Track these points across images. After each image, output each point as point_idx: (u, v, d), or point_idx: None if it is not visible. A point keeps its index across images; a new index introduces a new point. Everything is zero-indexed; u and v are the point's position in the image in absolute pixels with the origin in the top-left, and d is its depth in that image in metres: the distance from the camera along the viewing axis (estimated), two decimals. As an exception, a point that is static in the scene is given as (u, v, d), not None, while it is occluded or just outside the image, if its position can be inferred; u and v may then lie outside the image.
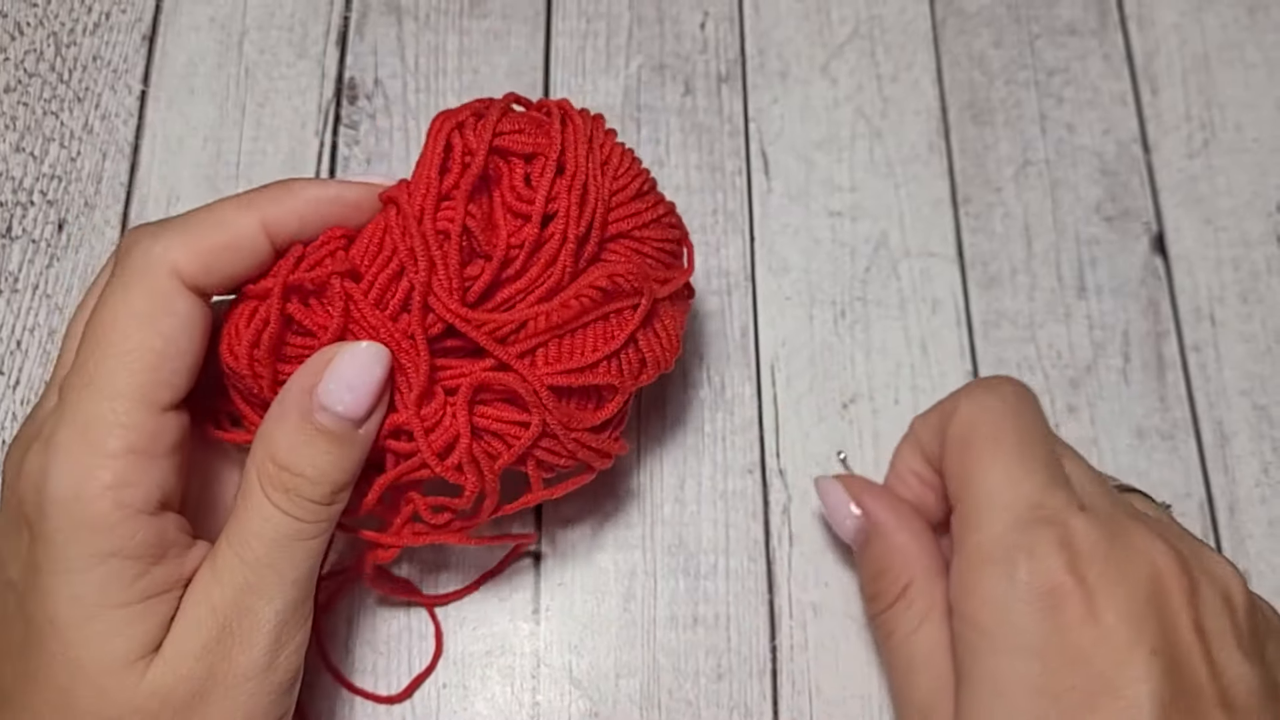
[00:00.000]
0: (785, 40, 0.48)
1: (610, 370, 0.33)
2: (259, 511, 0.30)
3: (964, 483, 0.33)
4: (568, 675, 0.38)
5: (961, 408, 0.34)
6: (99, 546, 0.28)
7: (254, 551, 0.30)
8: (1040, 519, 0.31)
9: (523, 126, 0.33)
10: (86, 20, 0.47)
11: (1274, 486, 0.42)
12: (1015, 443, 0.33)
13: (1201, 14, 0.49)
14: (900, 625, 0.35)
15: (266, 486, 0.30)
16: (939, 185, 0.46)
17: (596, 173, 0.33)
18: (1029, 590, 0.30)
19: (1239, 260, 0.45)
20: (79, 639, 0.29)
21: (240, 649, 0.30)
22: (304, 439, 0.30)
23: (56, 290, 0.42)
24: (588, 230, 0.33)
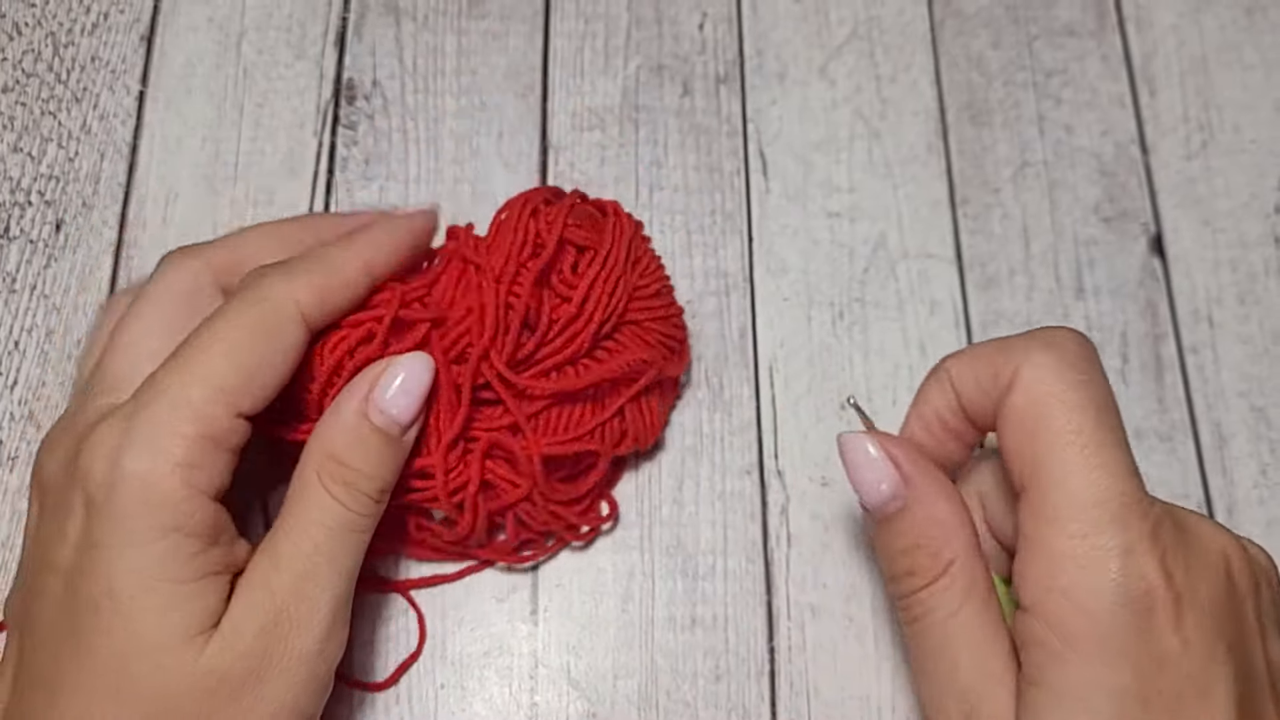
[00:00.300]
0: (783, 41, 0.48)
1: (594, 438, 0.37)
2: (318, 503, 0.32)
3: (1038, 471, 0.30)
4: (566, 676, 0.38)
5: (1024, 375, 0.31)
6: (163, 521, 0.30)
7: (313, 540, 0.32)
8: (1129, 516, 0.29)
9: (582, 222, 0.38)
10: (85, 20, 0.47)
11: (1272, 488, 0.42)
12: (1095, 429, 0.30)
13: (1199, 15, 0.49)
14: (941, 605, 0.32)
15: (326, 480, 0.33)
16: (937, 186, 0.46)
17: (628, 270, 0.38)
18: (1125, 595, 0.28)
19: (1237, 261, 0.45)
20: (138, 611, 0.29)
21: (296, 633, 0.31)
22: (359, 437, 0.33)
23: (54, 291, 0.42)
24: (609, 315, 0.37)
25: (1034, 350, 0.31)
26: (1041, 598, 0.29)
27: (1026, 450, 0.30)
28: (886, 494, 0.32)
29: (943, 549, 0.32)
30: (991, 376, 0.32)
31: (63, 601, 0.30)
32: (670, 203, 0.45)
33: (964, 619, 0.31)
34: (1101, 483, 0.29)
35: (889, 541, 0.33)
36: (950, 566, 0.32)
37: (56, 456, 0.32)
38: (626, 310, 0.38)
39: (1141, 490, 0.30)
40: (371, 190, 0.45)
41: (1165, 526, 0.29)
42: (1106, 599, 0.28)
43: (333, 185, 0.45)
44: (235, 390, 0.31)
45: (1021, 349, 0.31)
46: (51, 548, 0.31)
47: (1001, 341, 0.32)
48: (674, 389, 0.41)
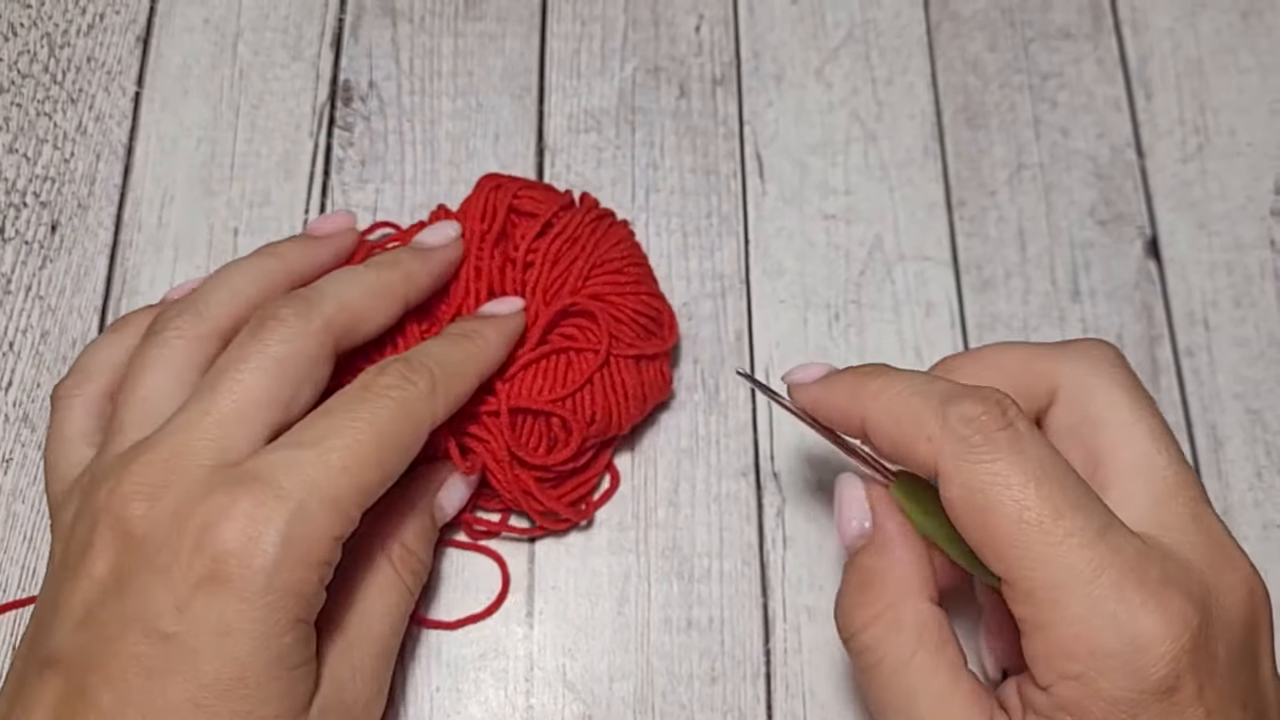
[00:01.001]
0: (780, 44, 0.48)
1: (565, 406, 0.37)
2: (395, 588, 0.35)
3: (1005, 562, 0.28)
4: (561, 678, 0.38)
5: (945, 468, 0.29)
6: (298, 613, 0.30)
7: (391, 625, 0.35)
8: (1126, 586, 0.27)
9: (536, 194, 0.40)
10: (80, 21, 0.47)
11: (1267, 490, 0.42)
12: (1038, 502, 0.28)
13: (1195, 19, 0.49)
14: (890, 651, 0.31)
15: (400, 567, 0.35)
16: (933, 189, 0.46)
17: (590, 243, 0.39)
18: (1144, 680, 0.27)
19: (1232, 264, 0.45)
20: (264, 696, 0.29)
21: (366, 712, 0.34)
22: (425, 530, 0.37)
23: (49, 292, 0.42)
24: (562, 280, 0.39)
25: (946, 436, 0.29)
26: (1055, 682, 0.28)
27: (982, 542, 0.29)
28: (853, 532, 0.33)
29: (891, 590, 0.31)
30: (906, 451, 0.30)
31: (175, 677, 0.29)
32: (666, 205, 0.45)
33: (918, 666, 0.30)
34: (1074, 559, 0.27)
35: (847, 579, 0.32)
36: (896, 607, 0.31)
37: (141, 495, 0.30)
38: (588, 282, 0.39)
39: (1125, 541, 0.28)
40: (367, 192, 0.45)
41: (1178, 581, 0.28)
42: (1125, 689, 0.27)
43: (328, 187, 0.45)
44: (375, 493, 0.32)
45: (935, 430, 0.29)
46: (158, 615, 0.29)
47: (917, 409, 0.30)
48: (659, 379, 0.40)
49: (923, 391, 0.30)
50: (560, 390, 0.37)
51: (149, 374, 0.33)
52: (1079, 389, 0.31)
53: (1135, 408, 0.31)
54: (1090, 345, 0.32)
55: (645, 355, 0.39)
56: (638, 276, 0.40)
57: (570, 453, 0.38)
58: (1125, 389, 0.31)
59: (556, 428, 0.38)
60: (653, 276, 0.41)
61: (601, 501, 0.40)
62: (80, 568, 0.31)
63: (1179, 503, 0.30)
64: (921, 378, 0.31)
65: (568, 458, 0.38)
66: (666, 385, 0.40)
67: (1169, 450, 0.31)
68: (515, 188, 0.40)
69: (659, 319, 0.40)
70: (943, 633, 0.31)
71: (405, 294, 0.36)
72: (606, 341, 0.38)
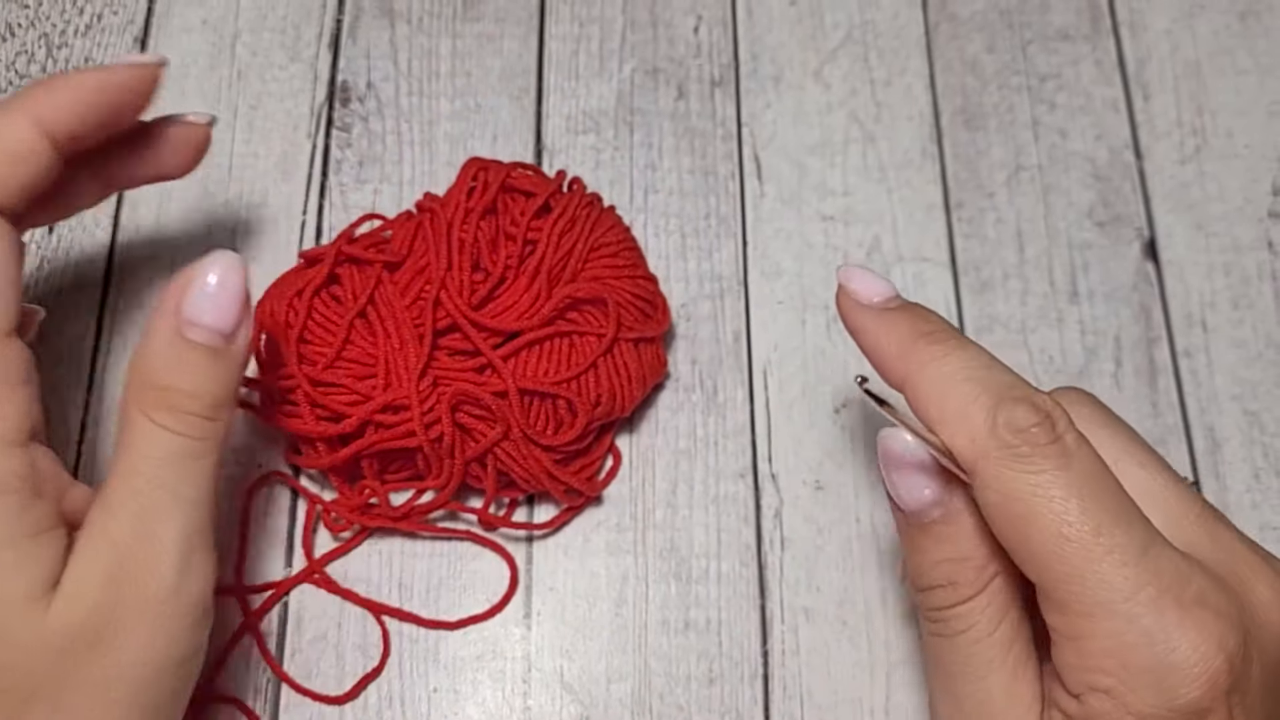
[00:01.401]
0: (778, 45, 0.48)
1: (570, 389, 0.38)
2: (144, 435, 0.30)
3: (1043, 570, 0.28)
4: (559, 680, 0.38)
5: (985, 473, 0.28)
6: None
7: (144, 475, 0.30)
8: (1164, 603, 0.27)
9: (530, 174, 0.41)
10: (78, 22, 0.47)
11: (1265, 492, 0.42)
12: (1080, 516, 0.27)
13: (1193, 20, 0.49)
14: (980, 622, 0.29)
15: (147, 408, 0.30)
16: (931, 190, 0.46)
17: (587, 225, 0.40)
18: (1174, 701, 0.26)
19: (1230, 266, 0.45)
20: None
21: (146, 574, 0.29)
22: (177, 355, 0.31)
23: (47, 293, 0.42)
24: (565, 262, 0.39)
25: (991, 440, 0.28)
26: (1085, 694, 0.28)
27: (1018, 549, 0.28)
28: (929, 499, 0.30)
29: (988, 563, 0.30)
30: (946, 436, 0.29)
31: None
32: (665, 206, 0.45)
33: (999, 640, 0.29)
34: (1114, 575, 0.27)
35: (927, 549, 0.30)
36: (993, 582, 0.30)
37: None
38: (587, 264, 0.39)
39: (1166, 560, 0.27)
40: (365, 192, 0.45)
41: (1213, 599, 0.27)
42: (1156, 707, 0.26)
43: (326, 187, 0.45)
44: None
45: (981, 429, 0.28)
46: None
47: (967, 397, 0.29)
48: (656, 361, 0.40)
49: (977, 379, 0.29)
50: (565, 372, 0.38)
51: None
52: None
53: (1119, 443, 0.31)
54: (1063, 393, 0.32)
55: (644, 338, 0.40)
56: (633, 260, 0.41)
57: (576, 434, 0.38)
58: (1105, 426, 0.31)
59: (562, 409, 0.38)
60: (644, 259, 0.42)
61: (608, 480, 0.41)
62: None
63: (1190, 521, 0.29)
64: (978, 360, 0.30)
65: (573, 438, 0.38)
66: (662, 366, 0.41)
67: (1163, 475, 0.30)
68: (508, 166, 0.41)
69: (654, 301, 0.41)
70: (1023, 610, 0.30)
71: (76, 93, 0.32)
72: (614, 327, 0.38)
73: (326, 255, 0.39)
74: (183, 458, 0.30)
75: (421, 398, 0.37)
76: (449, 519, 0.40)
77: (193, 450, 0.30)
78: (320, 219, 0.44)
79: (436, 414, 0.37)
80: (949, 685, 0.30)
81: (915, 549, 0.31)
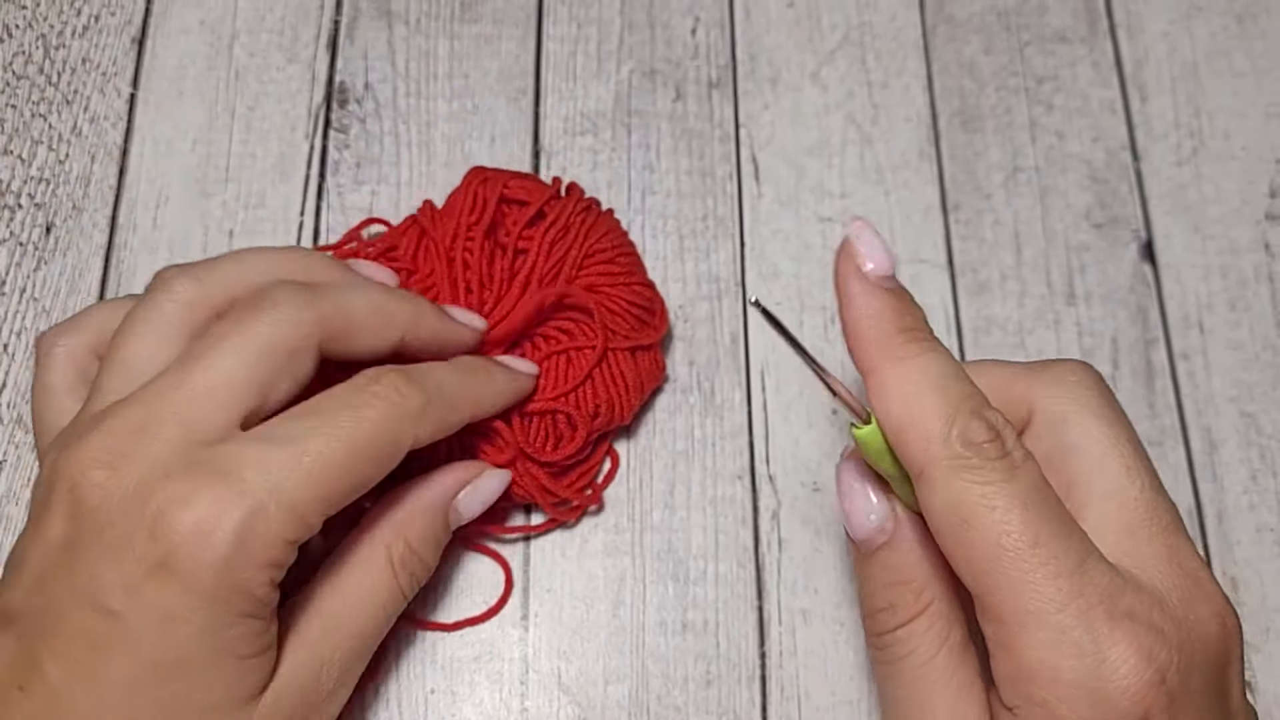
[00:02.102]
0: (776, 46, 0.48)
1: (568, 403, 0.38)
2: (385, 585, 0.34)
3: (978, 581, 0.28)
4: (556, 681, 0.38)
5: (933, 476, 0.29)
6: (245, 609, 0.30)
7: (372, 620, 0.34)
8: (1093, 615, 0.27)
9: (526, 184, 0.41)
10: (75, 23, 0.46)
11: (1262, 494, 0.42)
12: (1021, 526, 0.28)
13: (1190, 22, 0.49)
14: (920, 647, 0.30)
15: (397, 564, 0.34)
16: (929, 192, 0.46)
17: (582, 232, 0.40)
18: (1111, 709, 0.27)
19: (1227, 268, 0.45)
20: (206, 683, 0.30)
21: (327, 703, 0.33)
22: (434, 532, 0.35)
23: (44, 294, 0.42)
24: (558, 270, 0.39)
25: (943, 448, 0.29)
26: (1020, 706, 0.28)
27: (957, 556, 0.29)
28: (873, 526, 0.31)
29: (925, 587, 0.31)
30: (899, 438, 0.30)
31: (120, 651, 0.29)
32: (662, 207, 0.45)
33: (941, 664, 0.30)
34: (1046, 589, 0.27)
35: (873, 575, 0.32)
36: (930, 606, 0.30)
37: (100, 463, 0.30)
38: (581, 272, 0.40)
39: (1100, 574, 0.28)
40: (363, 194, 0.45)
41: (1145, 614, 0.27)
42: (1086, 718, 0.27)
43: (324, 189, 0.45)
44: (340, 503, 0.31)
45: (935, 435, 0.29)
46: (107, 591, 0.29)
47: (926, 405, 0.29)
48: (654, 367, 0.40)
49: (939, 389, 0.29)
50: (563, 386, 0.38)
51: (135, 334, 0.33)
52: (1054, 415, 0.31)
53: (1109, 436, 0.31)
54: (1068, 369, 0.32)
55: (640, 346, 0.40)
56: (629, 266, 0.41)
57: (576, 447, 0.38)
58: (1100, 416, 0.31)
59: (562, 424, 0.38)
60: (642, 265, 0.42)
61: (606, 483, 0.41)
62: (38, 528, 0.31)
63: (1150, 532, 0.30)
64: (945, 369, 0.30)
65: (574, 452, 0.38)
66: (661, 372, 0.41)
67: (1143, 478, 0.30)
68: (504, 178, 0.40)
69: (651, 308, 0.41)
70: (966, 636, 0.31)
71: (406, 328, 0.35)
72: (603, 337, 0.38)
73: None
74: (395, 614, 0.35)
75: None
76: None
77: (401, 609, 0.35)
78: (318, 220, 0.44)
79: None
80: (896, 710, 0.31)
81: (863, 577, 0.32)
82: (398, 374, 0.33)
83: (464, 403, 0.35)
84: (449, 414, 0.34)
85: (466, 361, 0.36)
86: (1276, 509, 0.42)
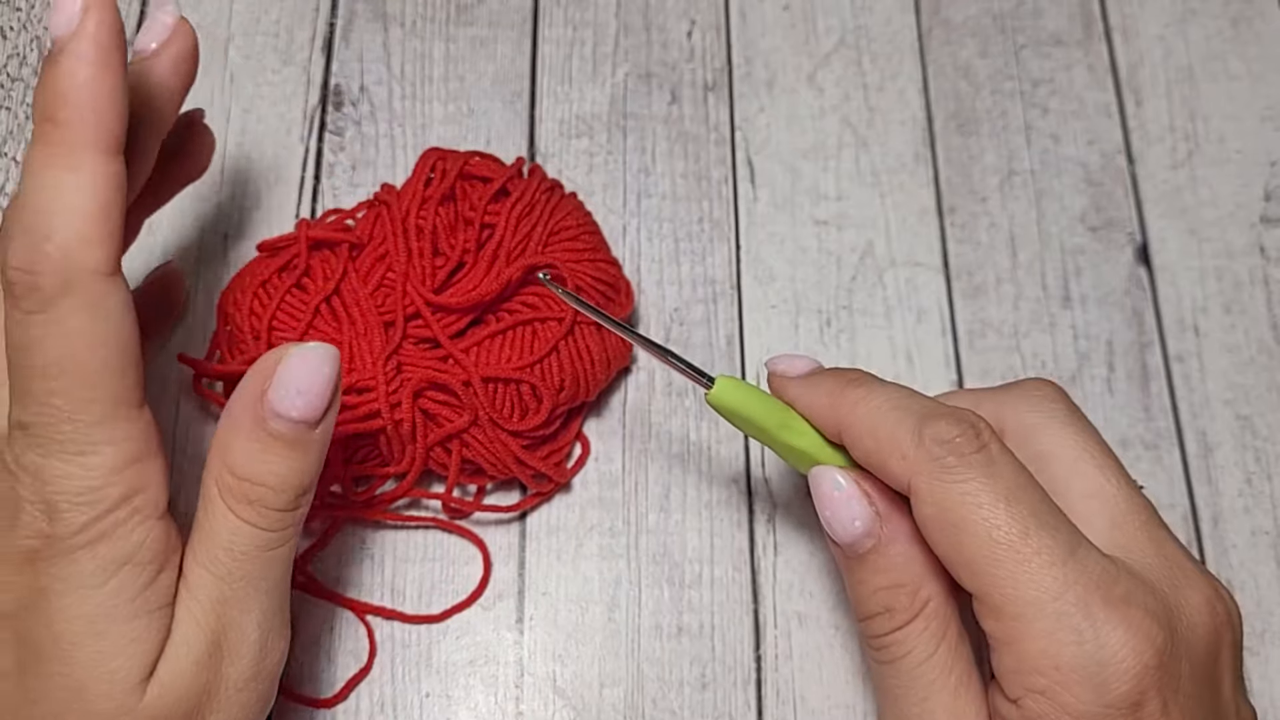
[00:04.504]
0: (772, 49, 0.48)
1: (534, 374, 0.38)
2: (224, 525, 0.30)
3: (975, 575, 0.29)
4: (551, 685, 0.38)
5: (919, 487, 0.30)
6: (113, 555, 0.28)
7: (224, 566, 0.30)
8: (1092, 603, 0.28)
9: (487, 161, 0.41)
10: (70, 25, 0.46)
11: (1257, 497, 0.42)
12: (1008, 519, 0.28)
13: (1185, 26, 0.49)
14: (918, 647, 0.30)
15: (228, 499, 0.29)
16: (924, 195, 0.46)
17: (546, 210, 0.40)
18: (1109, 696, 0.27)
19: (1222, 271, 0.45)
20: (83, 659, 0.28)
21: (228, 662, 0.30)
22: (260, 447, 0.29)
23: (38, 296, 0.42)
24: (524, 245, 0.39)
25: (920, 455, 0.29)
26: (1023, 698, 0.28)
27: (953, 559, 0.29)
28: (860, 531, 0.31)
29: (920, 588, 0.31)
30: (880, 465, 0.31)
31: (6, 646, 0.28)
32: (658, 210, 0.45)
33: (939, 662, 0.30)
34: (1042, 576, 0.28)
35: (864, 579, 0.32)
36: (927, 606, 0.31)
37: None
38: (547, 248, 0.40)
39: (1093, 561, 0.28)
40: (358, 196, 0.44)
41: (1140, 599, 0.28)
42: (1090, 704, 0.27)
43: (319, 191, 0.45)
44: (123, 394, 0.28)
45: (909, 448, 0.30)
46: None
47: (894, 426, 0.30)
48: (621, 345, 0.40)
49: (901, 407, 0.31)
50: (528, 357, 0.38)
51: None
52: (1024, 428, 0.32)
53: (1079, 441, 0.32)
54: (1033, 385, 0.33)
55: (609, 335, 0.40)
56: (594, 244, 0.41)
57: (542, 418, 0.38)
58: (1068, 424, 0.32)
59: (527, 395, 0.38)
60: (605, 244, 0.42)
61: (576, 468, 0.41)
62: None
63: (1134, 526, 0.31)
64: (901, 393, 0.31)
65: (540, 423, 0.38)
66: (628, 350, 0.41)
67: (1117, 478, 0.31)
68: (465, 155, 0.41)
69: (616, 285, 0.41)
70: (961, 630, 0.31)
71: None
72: (572, 308, 0.38)
73: (287, 241, 0.39)
74: (263, 549, 0.30)
75: (386, 379, 0.37)
76: (416, 508, 0.40)
77: (270, 542, 0.30)
78: (313, 223, 0.44)
79: (399, 397, 0.37)
80: (894, 709, 0.31)
81: (853, 580, 0.32)
82: None
83: None
84: None
85: None
86: (1272, 512, 0.42)
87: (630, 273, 0.44)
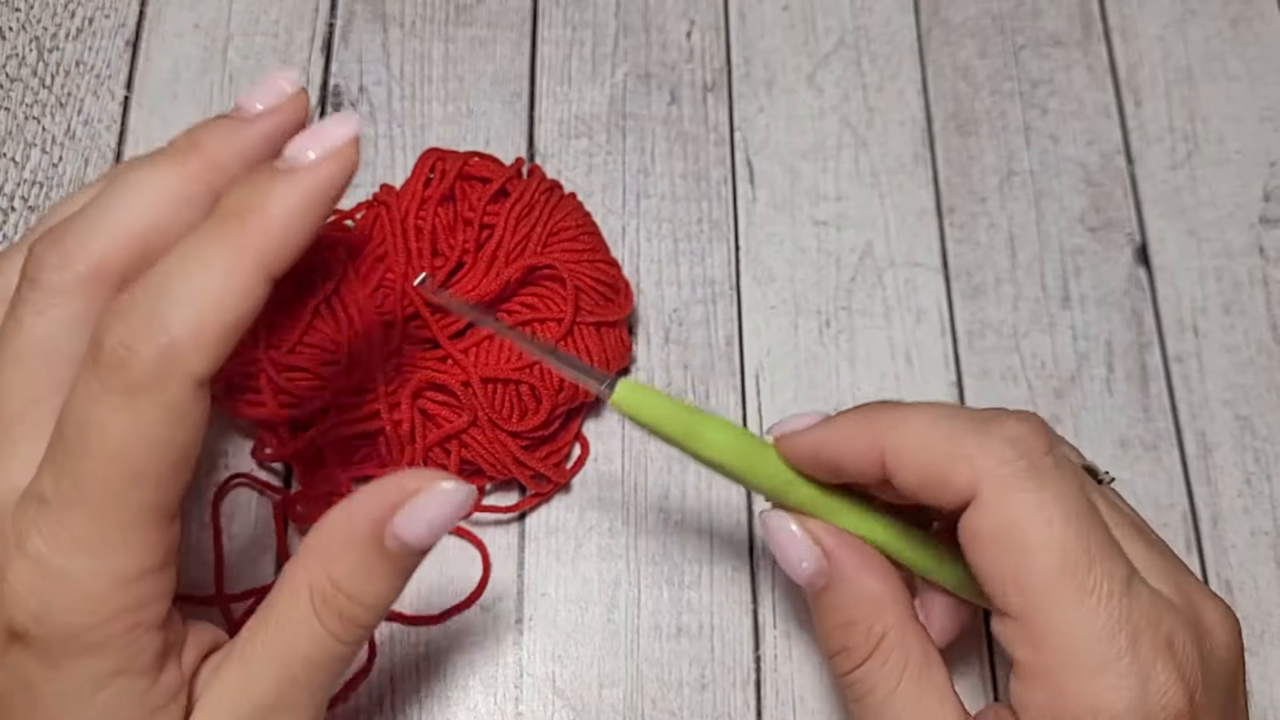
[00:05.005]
0: (771, 50, 0.48)
1: (533, 374, 0.38)
2: (306, 632, 0.28)
3: (1024, 601, 0.28)
4: (551, 685, 0.38)
5: (986, 494, 0.28)
6: (106, 668, 0.26)
7: (293, 671, 0.28)
8: (1140, 641, 0.27)
9: (487, 161, 0.41)
10: (69, 25, 0.46)
11: (1256, 497, 0.42)
12: (1077, 549, 0.27)
13: (1184, 26, 0.49)
14: (880, 683, 0.30)
15: (319, 607, 0.28)
16: (924, 195, 0.46)
17: (545, 211, 0.40)
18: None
19: (1221, 271, 0.45)
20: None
21: None
22: (367, 564, 0.28)
23: (37, 297, 0.42)
24: (523, 245, 0.39)
25: (989, 458, 0.28)
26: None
27: (1006, 577, 0.28)
28: (810, 571, 0.31)
29: (874, 624, 0.30)
30: (939, 477, 0.29)
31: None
32: (657, 210, 0.45)
33: (904, 696, 0.30)
34: (1100, 612, 0.27)
35: (822, 618, 0.32)
36: (882, 641, 0.30)
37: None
38: (546, 248, 0.39)
39: (1145, 595, 0.28)
40: (357, 196, 0.44)
41: (1179, 636, 0.27)
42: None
43: (319, 192, 0.44)
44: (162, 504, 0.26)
45: (976, 451, 0.28)
46: None
47: (949, 432, 0.29)
48: (620, 345, 0.40)
49: (953, 415, 0.29)
50: (528, 358, 0.38)
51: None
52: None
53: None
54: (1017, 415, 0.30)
55: (605, 322, 0.40)
56: (593, 245, 0.41)
57: (541, 419, 0.38)
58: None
59: (526, 395, 0.38)
60: (605, 244, 0.42)
61: (575, 469, 0.41)
62: None
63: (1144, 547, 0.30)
64: (943, 408, 0.30)
65: (539, 424, 0.38)
66: (627, 351, 0.41)
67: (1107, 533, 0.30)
68: (465, 155, 0.41)
69: (615, 285, 0.41)
70: (928, 655, 0.30)
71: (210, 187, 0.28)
72: (572, 309, 0.38)
73: None
74: (333, 661, 0.28)
75: (385, 379, 0.37)
76: None
77: (347, 656, 0.28)
78: (312, 223, 0.44)
79: (398, 398, 0.37)
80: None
81: (816, 619, 0.32)
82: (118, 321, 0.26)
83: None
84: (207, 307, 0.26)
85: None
86: (1271, 512, 0.42)
87: (629, 273, 0.44)
